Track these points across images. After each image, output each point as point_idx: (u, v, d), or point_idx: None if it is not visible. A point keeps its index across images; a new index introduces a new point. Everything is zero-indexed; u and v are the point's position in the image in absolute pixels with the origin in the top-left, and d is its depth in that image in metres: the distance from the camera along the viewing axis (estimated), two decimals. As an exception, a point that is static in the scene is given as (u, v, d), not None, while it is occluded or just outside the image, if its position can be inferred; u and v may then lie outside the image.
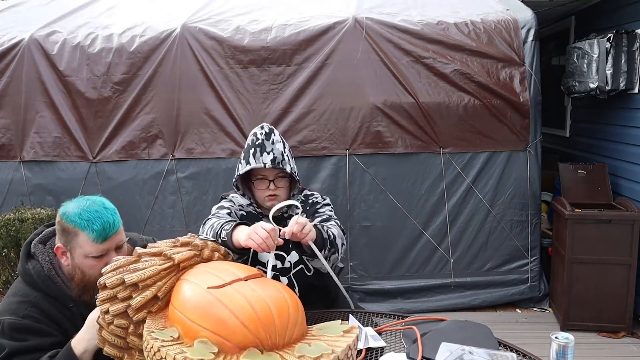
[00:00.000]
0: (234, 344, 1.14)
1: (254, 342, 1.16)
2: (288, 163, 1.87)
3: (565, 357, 1.33)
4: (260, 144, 1.85)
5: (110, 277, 1.29)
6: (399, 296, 3.61)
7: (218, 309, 1.18)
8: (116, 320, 1.27)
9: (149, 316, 1.27)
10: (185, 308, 1.21)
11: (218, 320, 1.16)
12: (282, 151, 1.86)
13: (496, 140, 3.52)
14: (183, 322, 1.20)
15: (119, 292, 1.28)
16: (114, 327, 1.27)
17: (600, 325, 3.27)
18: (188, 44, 3.55)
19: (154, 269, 1.30)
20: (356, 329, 1.30)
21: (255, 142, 1.86)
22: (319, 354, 1.15)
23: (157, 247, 1.39)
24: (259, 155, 1.83)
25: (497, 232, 3.58)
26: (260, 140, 1.85)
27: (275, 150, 1.85)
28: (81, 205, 1.48)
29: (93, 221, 1.45)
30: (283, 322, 1.21)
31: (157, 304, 1.29)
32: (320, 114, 3.49)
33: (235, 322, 1.16)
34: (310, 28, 3.53)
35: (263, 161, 1.82)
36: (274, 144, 1.86)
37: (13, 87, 3.70)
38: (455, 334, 1.51)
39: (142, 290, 1.27)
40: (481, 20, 3.56)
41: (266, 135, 1.86)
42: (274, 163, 1.83)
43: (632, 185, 3.51)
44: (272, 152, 1.84)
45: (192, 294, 1.24)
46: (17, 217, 3.27)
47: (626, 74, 3.41)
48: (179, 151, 3.59)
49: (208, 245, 1.47)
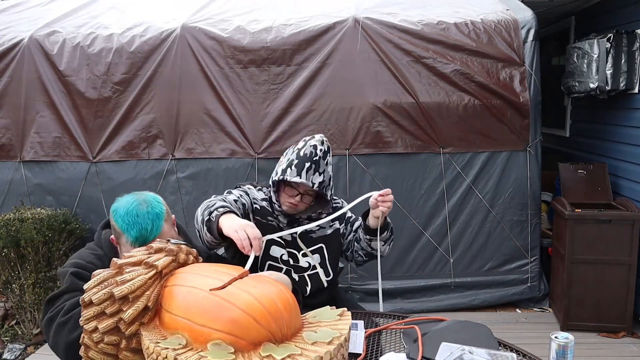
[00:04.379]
0: (248, 341, 1.15)
1: (267, 336, 1.17)
2: (330, 189, 1.88)
3: (565, 357, 1.33)
4: (317, 161, 1.80)
5: (96, 292, 1.22)
6: (399, 296, 3.61)
7: (228, 309, 1.17)
8: (106, 337, 1.21)
9: (141, 328, 1.23)
10: (192, 313, 1.19)
11: (230, 320, 1.16)
12: (330, 176, 1.86)
13: (496, 140, 3.52)
14: (190, 327, 1.17)
15: (107, 307, 1.22)
16: (104, 345, 1.22)
17: (600, 325, 3.27)
18: (188, 44, 3.55)
19: (142, 279, 1.24)
20: (348, 312, 1.35)
21: (313, 157, 1.80)
22: (330, 338, 1.19)
23: (134, 257, 1.32)
24: (311, 173, 1.79)
25: (497, 232, 3.58)
26: (317, 157, 1.81)
27: (326, 174, 1.83)
28: (128, 205, 1.53)
29: (132, 226, 1.51)
30: (288, 314, 1.24)
31: (148, 314, 1.25)
32: (320, 114, 3.49)
33: (248, 319, 1.16)
34: (310, 28, 3.53)
35: (312, 181, 1.80)
36: (327, 165, 1.84)
37: (13, 87, 3.70)
38: (455, 334, 1.51)
39: (133, 302, 1.22)
40: (481, 20, 3.56)
41: (324, 153, 1.83)
42: (320, 186, 1.81)
43: (632, 185, 3.51)
44: (323, 175, 1.82)
45: (196, 299, 1.21)
46: (17, 217, 3.26)
47: (626, 74, 3.41)
48: (179, 151, 3.59)
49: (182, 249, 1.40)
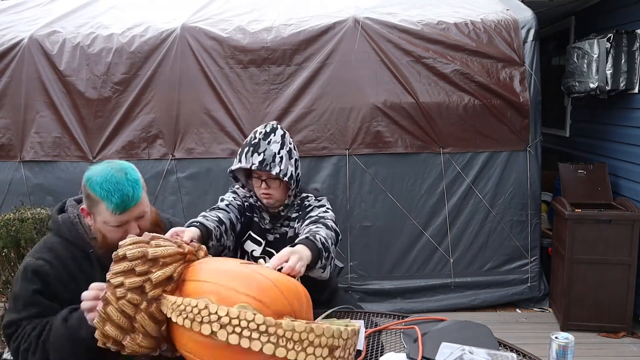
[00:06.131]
0: (273, 311, 1.18)
1: (290, 312, 1.21)
2: (278, 165, 1.79)
3: (565, 357, 1.33)
4: (255, 143, 1.81)
5: (132, 249, 1.26)
6: (399, 296, 3.61)
7: (258, 278, 1.22)
8: (129, 294, 1.23)
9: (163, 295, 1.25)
10: (221, 277, 1.23)
11: (259, 287, 1.20)
12: (274, 153, 1.80)
13: (496, 140, 3.52)
14: (218, 290, 1.19)
15: (137, 265, 1.25)
16: (125, 301, 1.23)
17: (600, 325, 3.27)
18: (188, 44, 3.55)
19: (174, 250, 1.30)
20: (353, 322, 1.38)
21: (252, 141, 1.82)
22: (344, 324, 1.23)
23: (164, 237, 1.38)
24: (249, 155, 1.80)
25: (497, 232, 3.58)
26: (257, 139, 1.82)
27: (267, 151, 1.79)
28: (104, 173, 1.49)
29: (112, 193, 1.46)
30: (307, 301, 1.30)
31: (171, 285, 1.27)
32: (320, 114, 3.49)
33: (276, 290, 1.21)
34: (310, 28, 3.53)
35: (252, 162, 1.78)
36: (269, 144, 1.80)
37: (13, 87, 3.70)
38: (455, 334, 1.51)
39: (162, 266, 1.26)
40: (481, 20, 3.56)
41: (265, 135, 1.82)
42: (261, 165, 1.78)
43: (632, 185, 3.51)
44: (263, 154, 1.78)
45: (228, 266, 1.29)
46: (17, 217, 3.26)
47: (626, 74, 3.41)
48: (179, 151, 3.59)
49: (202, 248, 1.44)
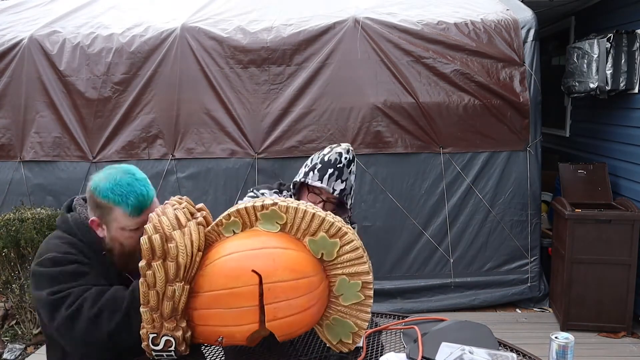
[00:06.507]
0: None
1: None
2: (350, 198, 1.88)
3: (565, 357, 1.33)
4: (340, 168, 1.83)
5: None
6: (399, 296, 3.61)
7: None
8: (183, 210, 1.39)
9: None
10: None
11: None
12: (352, 185, 1.86)
13: (496, 140, 3.52)
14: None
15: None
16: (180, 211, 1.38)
17: (600, 325, 3.27)
18: (188, 44, 3.55)
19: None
20: None
21: (337, 164, 1.83)
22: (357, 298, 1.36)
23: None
24: (333, 179, 1.82)
25: (497, 232, 3.58)
26: (342, 164, 1.83)
27: (348, 182, 1.84)
28: (112, 178, 1.45)
29: (126, 196, 1.43)
30: None
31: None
32: (320, 114, 3.49)
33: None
34: (310, 28, 3.53)
35: (334, 187, 1.82)
36: (350, 174, 1.85)
37: (13, 87, 3.70)
38: (455, 334, 1.51)
39: None
40: (481, 20, 3.56)
41: (348, 162, 1.85)
42: (341, 194, 1.83)
43: (632, 185, 3.50)
44: (345, 183, 1.83)
45: None
46: (17, 217, 3.26)
47: (626, 74, 3.41)
48: (179, 151, 3.58)
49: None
